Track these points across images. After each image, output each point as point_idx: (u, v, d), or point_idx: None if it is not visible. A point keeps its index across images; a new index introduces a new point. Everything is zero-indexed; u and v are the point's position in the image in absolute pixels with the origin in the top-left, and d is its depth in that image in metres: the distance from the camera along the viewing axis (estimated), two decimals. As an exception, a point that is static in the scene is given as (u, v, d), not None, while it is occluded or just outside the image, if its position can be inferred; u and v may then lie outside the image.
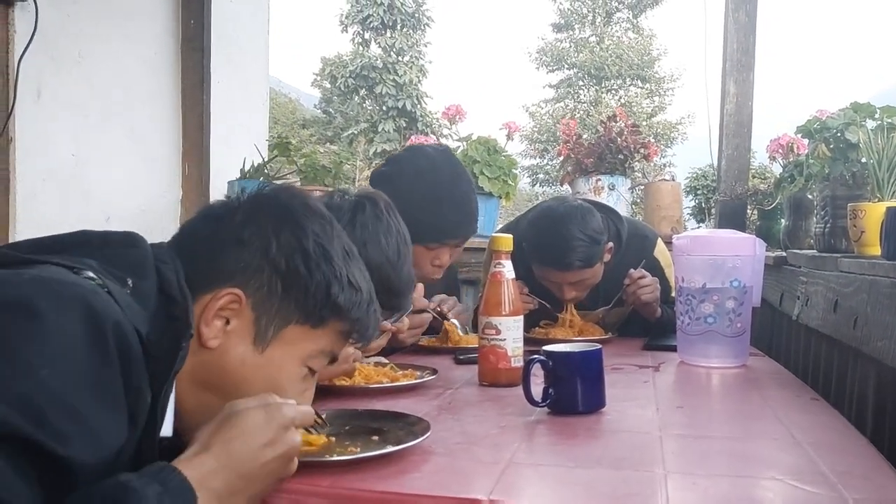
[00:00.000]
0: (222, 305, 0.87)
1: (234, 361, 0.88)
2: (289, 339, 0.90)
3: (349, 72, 19.99)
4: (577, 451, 1.01)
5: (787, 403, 1.29)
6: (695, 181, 6.04)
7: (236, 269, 0.89)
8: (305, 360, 0.92)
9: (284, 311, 0.89)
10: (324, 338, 0.92)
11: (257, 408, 0.81)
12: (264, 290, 0.89)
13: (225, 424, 0.79)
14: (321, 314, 0.91)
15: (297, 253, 0.90)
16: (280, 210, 0.93)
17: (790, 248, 2.20)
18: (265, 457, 0.79)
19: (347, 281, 0.92)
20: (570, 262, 1.91)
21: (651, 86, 22.46)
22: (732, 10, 2.72)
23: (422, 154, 1.89)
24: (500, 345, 1.40)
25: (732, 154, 2.70)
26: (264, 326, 0.89)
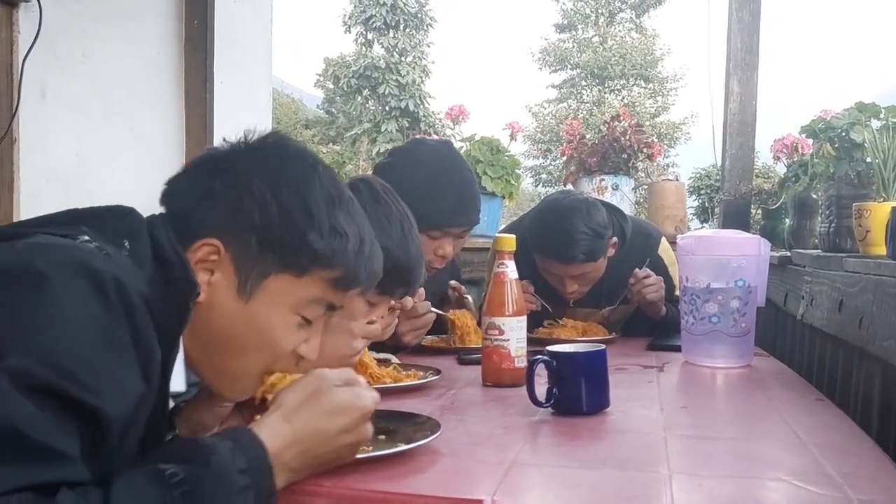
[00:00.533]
0: (201, 257, 0.86)
1: (221, 314, 0.87)
2: (273, 289, 0.88)
3: (352, 72, 20.01)
4: (581, 452, 1.01)
5: (791, 404, 1.29)
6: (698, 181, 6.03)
7: (212, 221, 0.88)
8: (296, 309, 0.90)
9: (264, 262, 0.88)
10: (311, 286, 0.90)
11: (345, 389, 0.84)
12: (240, 242, 0.88)
13: (312, 399, 0.82)
14: (301, 263, 0.89)
15: (270, 202, 0.88)
16: (256, 157, 0.91)
17: (794, 248, 2.19)
18: (340, 442, 0.82)
19: (329, 227, 0.90)
20: (573, 255, 1.91)
21: (654, 86, 22.44)
22: (736, 9, 2.72)
23: (423, 144, 1.92)
24: (503, 345, 1.40)
25: (736, 153, 2.69)
26: (244, 278, 0.88)
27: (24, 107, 2.17)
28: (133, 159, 2.87)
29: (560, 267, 1.96)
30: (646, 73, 22.25)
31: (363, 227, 0.95)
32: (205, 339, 0.88)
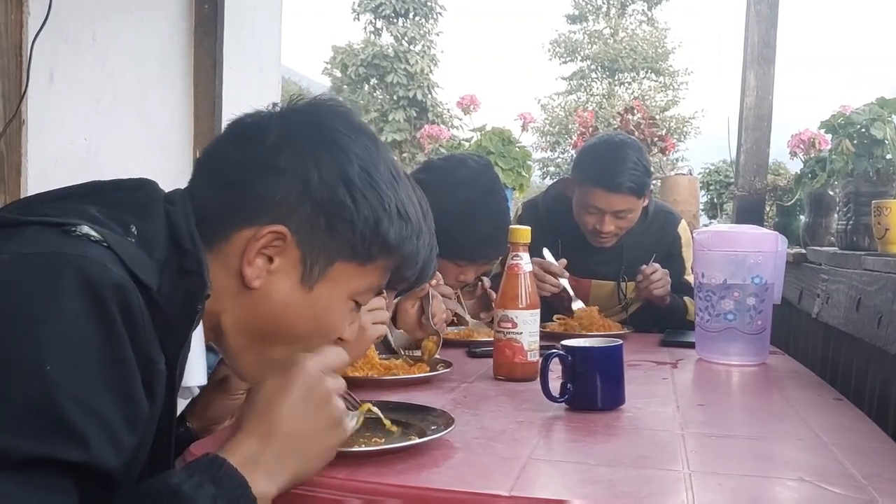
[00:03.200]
0: (265, 244, 0.80)
1: (281, 303, 0.82)
2: (336, 276, 0.83)
3: (360, 60, 19.97)
4: (597, 449, 0.99)
5: (809, 403, 1.27)
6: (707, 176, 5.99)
7: (276, 201, 0.81)
8: (353, 295, 0.87)
9: (331, 248, 0.82)
10: (372, 274, 0.87)
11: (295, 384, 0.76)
12: (308, 225, 0.81)
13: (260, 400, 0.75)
14: (370, 251, 0.84)
15: (340, 182, 0.82)
16: (319, 130, 0.84)
17: (810, 245, 2.16)
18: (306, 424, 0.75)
19: (397, 212, 0.85)
20: (621, 181, 1.93)
21: (665, 79, 22.32)
22: (754, 1, 2.67)
23: (461, 165, 1.83)
24: (516, 338, 1.38)
25: (751, 148, 2.66)
26: (311, 264, 0.82)
27: (32, 89, 2.15)
28: (141, 143, 2.85)
29: (605, 197, 1.96)
30: (656, 66, 22.13)
31: (418, 206, 0.90)
32: (255, 327, 0.83)
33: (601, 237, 2.02)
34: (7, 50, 2.08)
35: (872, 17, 34.92)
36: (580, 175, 2.03)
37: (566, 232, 2.10)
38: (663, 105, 21.57)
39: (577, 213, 2.05)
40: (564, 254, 2.08)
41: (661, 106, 21.26)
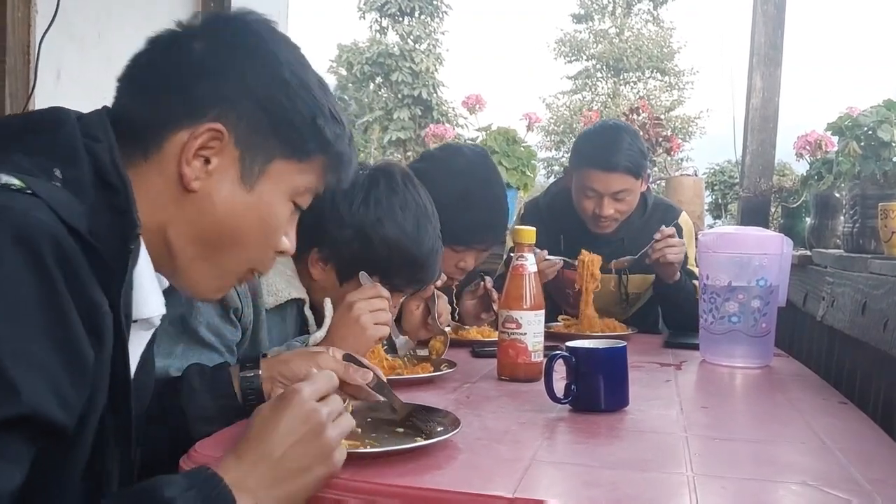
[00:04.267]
0: (203, 143, 0.80)
1: (222, 203, 0.82)
2: (275, 174, 0.84)
3: (365, 59, 19.98)
4: (600, 451, 0.99)
5: (814, 407, 1.26)
6: (712, 177, 5.96)
7: (212, 101, 0.81)
8: (292, 196, 0.87)
9: (269, 145, 0.83)
10: (310, 173, 0.88)
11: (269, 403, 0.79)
12: (245, 123, 0.82)
13: (255, 426, 0.78)
14: (307, 147, 0.86)
15: (274, 81, 0.83)
16: (246, 36, 0.85)
17: (815, 248, 2.15)
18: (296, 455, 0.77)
19: (329, 113, 0.87)
20: (617, 160, 1.96)
21: (670, 79, 22.28)
22: (761, 2, 2.66)
23: (459, 154, 1.85)
24: (520, 339, 1.38)
25: (757, 149, 2.65)
26: (249, 162, 0.83)
27: (40, 87, 2.15)
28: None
29: (601, 178, 1.98)
30: (662, 66, 22.09)
31: (345, 118, 0.92)
32: (201, 233, 0.83)
33: (601, 222, 2.03)
34: (15, 48, 2.09)
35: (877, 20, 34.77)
36: (577, 160, 2.06)
37: (568, 227, 2.12)
38: (668, 105, 21.53)
39: (577, 200, 2.07)
40: (567, 248, 2.07)
41: (666, 106, 21.22)
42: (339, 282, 1.37)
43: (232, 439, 0.95)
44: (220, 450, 0.90)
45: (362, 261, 1.35)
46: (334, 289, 1.37)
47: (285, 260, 1.36)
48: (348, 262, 1.36)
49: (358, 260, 1.36)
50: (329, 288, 1.38)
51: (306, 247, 1.37)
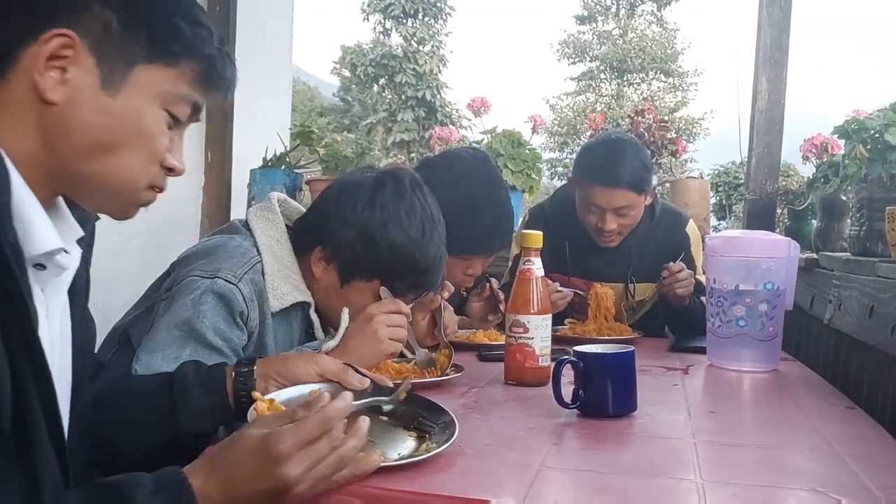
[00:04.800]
0: (53, 52, 0.76)
1: (86, 113, 0.79)
2: (140, 80, 0.81)
3: (369, 60, 20.00)
4: (609, 457, 0.99)
5: (822, 412, 1.26)
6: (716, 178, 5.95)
7: (57, 7, 0.77)
8: (164, 104, 0.84)
9: (129, 50, 0.80)
10: (180, 80, 0.84)
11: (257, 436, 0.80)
12: (98, 27, 0.78)
13: (226, 446, 0.81)
14: (170, 49, 0.82)
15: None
16: None
17: (822, 251, 2.15)
18: (255, 486, 0.78)
19: (192, 14, 0.85)
20: (619, 175, 1.93)
21: (674, 80, 22.26)
22: (767, 5, 2.66)
23: (458, 160, 1.83)
24: (527, 343, 1.38)
25: (763, 152, 2.65)
26: (109, 69, 0.79)
27: (47, 90, 2.16)
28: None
29: (604, 194, 1.96)
30: (666, 67, 22.07)
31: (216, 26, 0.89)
32: (76, 145, 0.80)
33: (604, 237, 2.02)
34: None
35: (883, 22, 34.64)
36: (579, 174, 2.04)
37: (574, 235, 2.10)
38: (672, 106, 21.51)
39: (580, 213, 2.05)
40: (572, 256, 2.08)
41: (670, 107, 21.20)
42: (340, 283, 1.36)
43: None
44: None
45: (365, 263, 1.34)
46: (335, 290, 1.36)
47: (291, 263, 1.36)
48: (350, 263, 1.35)
49: (360, 262, 1.35)
50: (330, 288, 1.37)
51: (310, 245, 1.37)
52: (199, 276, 1.23)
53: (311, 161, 3.20)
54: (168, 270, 1.35)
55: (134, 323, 1.31)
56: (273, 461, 0.78)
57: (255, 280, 1.28)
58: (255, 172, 3.04)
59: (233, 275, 1.25)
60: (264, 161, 3.06)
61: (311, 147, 3.16)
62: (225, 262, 1.26)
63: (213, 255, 1.28)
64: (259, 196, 2.97)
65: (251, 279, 1.27)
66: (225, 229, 1.44)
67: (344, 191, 1.39)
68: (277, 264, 1.33)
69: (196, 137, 3.13)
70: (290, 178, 3.01)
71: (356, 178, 1.40)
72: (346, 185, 1.40)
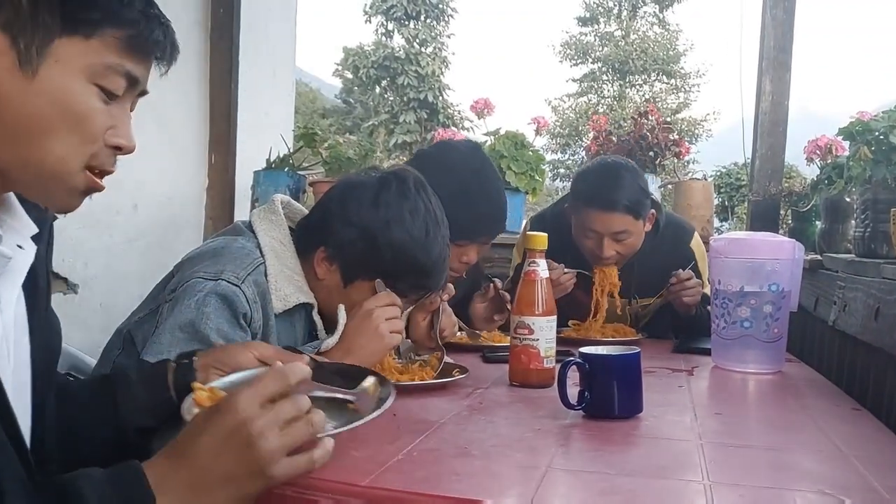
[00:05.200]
0: None
1: (7, 95, 0.75)
2: (61, 55, 0.77)
3: (371, 62, 20.02)
4: (616, 458, 0.99)
5: (827, 413, 1.26)
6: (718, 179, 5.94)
7: None
8: (92, 78, 0.79)
9: (43, 25, 0.76)
10: (103, 49, 0.79)
11: (211, 407, 0.77)
12: (8, 5, 0.75)
13: (184, 430, 0.78)
14: (86, 18, 0.77)
15: None
16: None
17: (826, 252, 2.15)
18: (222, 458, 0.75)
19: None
20: (616, 199, 1.90)
21: (676, 81, 22.25)
22: (770, 6, 2.66)
23: (452, 150, 1.85)
24: (532, 345, 1.38)
25: (766, 154, 2.65)
26: (25, 47, 0.75)
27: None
28: (156, 147, 2.87)
29: (602, 219, 1.93)
30: (668, 69, 22.07)
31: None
32: (4, 132, 0.76)
33: (603, 262, 2.00)
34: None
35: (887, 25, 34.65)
36: (576, 199, 2.00)
37: (574, 249, 2.06)
38: (674, 107, 21.51)
39: (577, 239, 2.02)
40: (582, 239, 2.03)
41: (672, 108, 21.20)
42: (343, 283, 1.36)
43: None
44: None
45: (367, 263, 1.34)
46: (338, 290, 1.36)
47: (294, 265, 1.36)
48: (353, 263, 1.35)
49: (363, 262, 1.34)
50: (333, 288, 1.37)
51: (314, 245, 1.37)
52: (203, 277, 1.24)
53: (315, 163, 3.21)
54: (172, 272, 1.36)
55: (139, 325, 1.32)
56: (233, 422, 0.75)
57: (258, 282, 1.29)
58: (258, 174, 3.05)
59: (236, 276, 1.25)
60: (268, 163, 3.07)
61: (315, 149, 3.16)
62: (228, 263, 1.27)
63: (217, 256, 1.29)
64: (263, 197, 2.97)
65: (254, 281, 1.28)
66: (228, 231, 1.45)
67: (347, 190, 1.39)
68: (280, 266, 1.34)
69: (200, 139, 3.14)
70: (294, 179, 3.02)
71: (360, 179, 1.41)
72: (349, 184, 1.40)
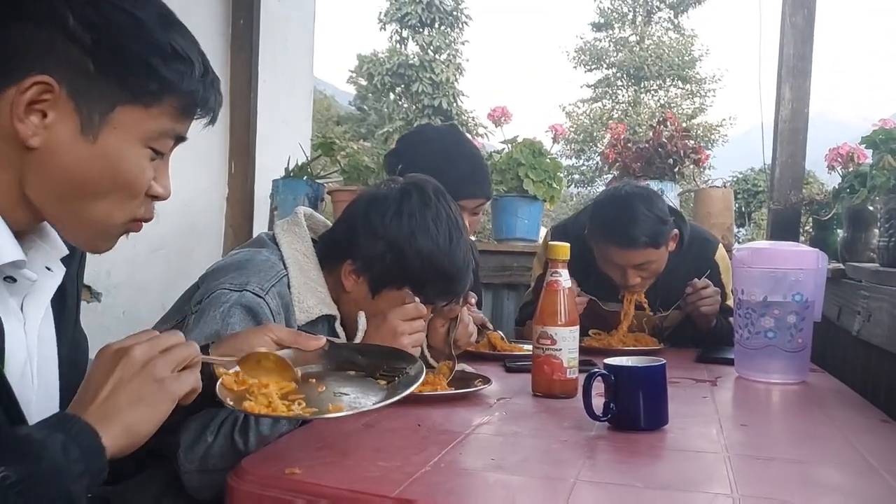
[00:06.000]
0: (32, 98, 0.77)
1: (67, 157, 0.79)
2: (121, 122, 0.81)
3: (385, 69, 20.09)
4: (643, 471, 0.99)
5: (855, 424, 1.25)
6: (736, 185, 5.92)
7: (33, 52, 0.77)
8: (147, 142, 0.83)
9: (106, 92, 0.79)
10: (161, 117, 0.83)
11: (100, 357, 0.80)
12: (75, 71, 0.78)
13: (88, 381, 0.80)
14: (148, 90, 0.81)
15: (101, 23, 0.79)
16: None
17: (849, 261, 2.13)
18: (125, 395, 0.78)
19: (171, 49, 0.82)
20: (635, 237, 1.89)
21: (691, 86, 22.15)
22: (789, 14, 2.65)
23: (428, 126, 2.07)
24: (555, 355, 1.38)
25: (787, 162, 2.63)
26: (88, 112, 0.79)
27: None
28: (178, 155, 2.90)
29: (622, 254, 1.93)
30: (683, 74, 21.98)
31: (200, 50, 0.87)
32: (52, 188, 0.81)
33: (629, 287, 1.99)
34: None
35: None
36: (594, 233, 1.99)
37: (595, 264, 2.04)
38: (690, 113, 21.40)
39: (600, 265, 2.01)
40: (597, 283, 2.02)
41: (688, 113, 21.09)
42: (372, 294, 1.38)
43: (277, 455, 0.97)
44: (267, 466, 0.91)
45: (395, 273, 1.36)
46: (366, 301, 1.38)
47: (317, 277, 1.38)
48: (380, 274, 1.37)
49: (391, 273, 1.36)
50: (361, 300, 1.38)
51: (340, 258, 1.38)
52: (228, 289, 1.25)
53: (332, 171, 3.23)
54: (196, 283, 1.37)
55: None
56: (120, 356, 0.80)
57: (281, 293, 1.30)
58: (277, 183, 3.07)
59: (260, 288, 1.27)
60: (286, 171, 3.09)
61: (333, 157, 3.19)
62: (253, 275, 1.28)
63: (242, 268, 1.31)
64: (282, 206, 3.00)
65: (278, 292, 1.29)
66: (252, 243, 1.47)
67: (371, 204, 1.40)
68: (303, 278, 1.35)
69: (220, 148, 3.17)
70: (312, 188, 3.04)
71: (382, 191, 1.42)
72: (372, 198, 1.42)
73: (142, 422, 0.79)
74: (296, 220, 1.46)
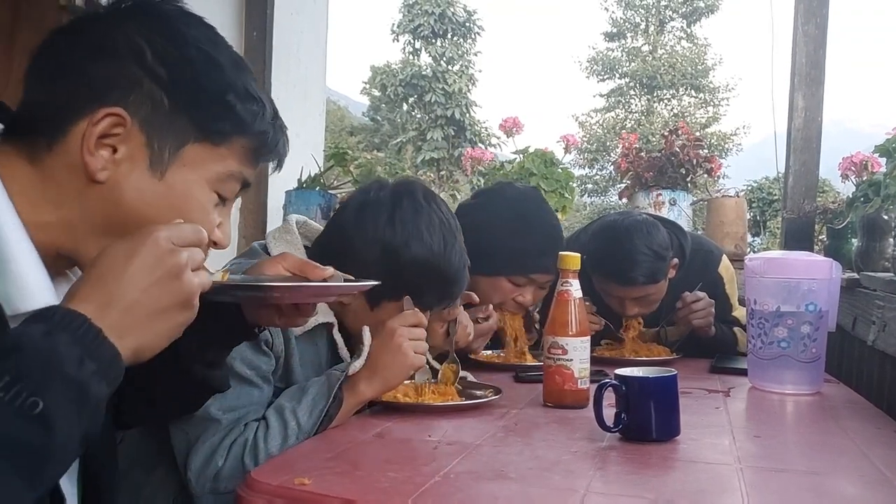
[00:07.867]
0: (104, 130, 0.75)
1: (132, 193, 0.77)
2: (189, 159, 0.79)
3: (398, 80, 20.22)
4: (655, 482, 0.98)
5: (869, 436, 1.24)
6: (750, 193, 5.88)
7: (109, 84, 0.76)
8: (214, 185, 0.81)
9: (179, 129, 0.78)
10: (230, 157, 0.82)
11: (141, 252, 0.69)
12: (149, 105, 0.77)
13: (104, 265, 0.69)
14: (221, 128, 0.80)
15: (178, 60, 0.78)
16: (148, 13, 0.80)
17: (863, 271, 2.11)
18: (150, 298, 0.68)
19: (244, 90, 0.81)
20: (633, 276, 1.88)
21: (705, 95, 22.08)
22: (802, 22, 2.64)
23: (510, 186, 1.93)
24: (566, 365, 1.38)
25: (800, 170, 2.62)
26: (158, 148, 0.77)
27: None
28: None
29: (620, 289, 1.93)
30: (696, 83, 21.92)
31: (269, 96, 0.87)
32: (111, 225, 0.77)
33: (628, 316, 1.99)
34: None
35: (920, 31, 34.06)
36: (591, 265, 1.88)
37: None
38: (704, 122, 21.33)
39: (598, 291, 2.00)
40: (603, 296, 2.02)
41: (701, 123, 21.02)
42: (370, 306, 1.36)
43: (287, 465, 0.97)
44: (277, 477, 0.91)
45: (392, 283, 1.34)
46: (366, 312, 1.36)
47: None
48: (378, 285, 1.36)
49: (387, 282, 1.35)
50: (360, 311, 1.36)
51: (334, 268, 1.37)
52: None
53: (345, 182, 3.25)
54: None
55: None
56: (158, 253, 0.69)
57: None
58: (290, 194, 3.09)
59: None
60: (299, 182, 3.11)
61: (345, 167, 3.20)
62: None
63: None
64: (295, 217, 3.01)
65: None
66: (245, 254, 1.46)
67: (360, 212, 1.38)
68: None
69: (233, 160, 3.19)
70: (325, 198, 3.06)
71: (370, 198, 1.39)
72: (360, 205, 1.39)
73: (155, 342, 0.70)
74: (287, 227, 1.44)
